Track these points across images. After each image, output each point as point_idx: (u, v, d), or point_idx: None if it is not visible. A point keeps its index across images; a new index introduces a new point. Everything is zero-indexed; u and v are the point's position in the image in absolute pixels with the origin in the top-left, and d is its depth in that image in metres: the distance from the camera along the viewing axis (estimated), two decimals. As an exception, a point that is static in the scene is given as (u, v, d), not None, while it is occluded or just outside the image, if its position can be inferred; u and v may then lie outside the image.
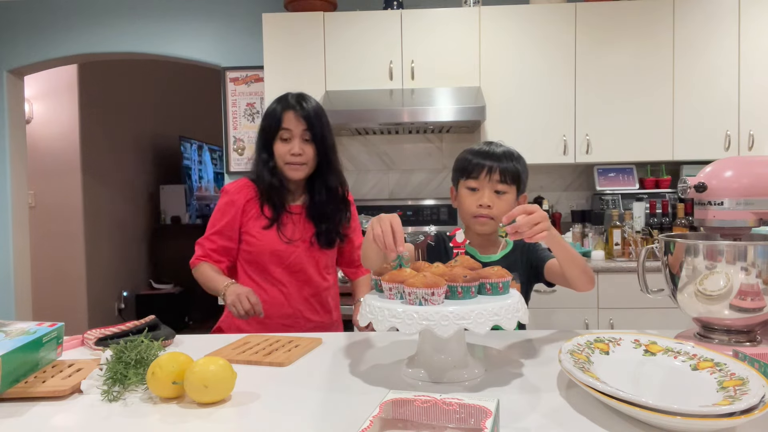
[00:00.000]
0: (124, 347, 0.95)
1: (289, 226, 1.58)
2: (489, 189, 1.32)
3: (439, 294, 0.86)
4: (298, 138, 1.52)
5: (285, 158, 1.53)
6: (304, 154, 1.52)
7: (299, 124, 1.52)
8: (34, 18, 3.54)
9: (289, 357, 1.08)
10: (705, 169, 1.11)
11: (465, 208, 1.36)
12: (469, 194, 1.35)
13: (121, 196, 4.96)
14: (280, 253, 1.56)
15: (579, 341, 0.94)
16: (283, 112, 1.52)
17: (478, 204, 1.32)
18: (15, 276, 3.64)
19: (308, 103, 1.55)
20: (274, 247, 1.56)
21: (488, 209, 1.31)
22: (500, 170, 1.32)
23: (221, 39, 3.47)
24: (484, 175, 1.32)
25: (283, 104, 1.54)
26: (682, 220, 2.81)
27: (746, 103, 2.96)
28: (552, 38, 3.00)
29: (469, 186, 1.35)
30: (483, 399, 0.67)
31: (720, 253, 0.96)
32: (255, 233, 1.56)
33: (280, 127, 1.52)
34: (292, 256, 1.57)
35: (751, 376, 0.76)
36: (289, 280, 1.57)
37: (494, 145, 1.37)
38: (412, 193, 3.46)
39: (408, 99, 2.93)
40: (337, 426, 0.76)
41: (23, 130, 3.82)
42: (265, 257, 1.56)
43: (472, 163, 1.34)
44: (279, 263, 1.57)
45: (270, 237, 1.56)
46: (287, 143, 1.52)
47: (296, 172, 1.54)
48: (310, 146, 1.54)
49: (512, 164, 1.34)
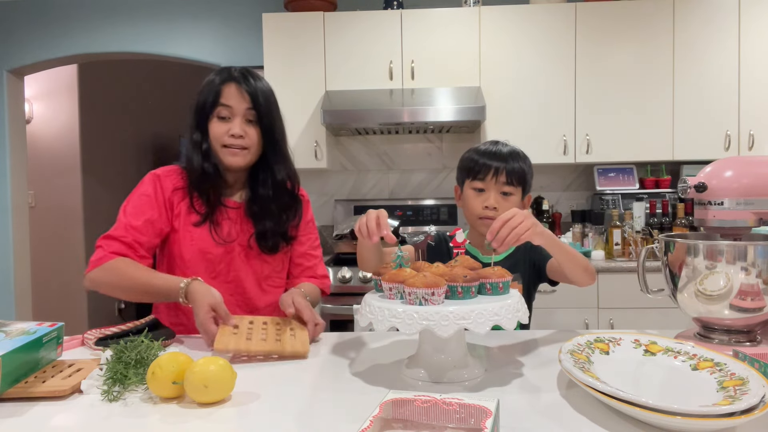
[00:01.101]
0: (124, 347, 0.95)
1: (225, 224, 1.33)
2: (495, 190, 1.32)
3: (439, 294, 0.86)
4: (239, 117, 1.27)
5: (222, 140, 1.27)
6: (246, 137, 1.28)
7: (242, 101, 1.27)
8: (34, 18, 3.54)
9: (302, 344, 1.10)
10: (705, 169, 1.11)
11: (470, 209, 1.35)
12: (475, 195, 1.33)
13: (121, 196, 4.90)
14: (211, 257, 1.31)
15: (579, 341, 0.94)
16: (223, 84, 1.27)
17: (484, 205, 1.31)
18: (15, 276, 3.64)
19: (256, 80, 1.30)
20: (203, 249, 1.30)
21: (494, 211, 1.30)
22: (507, 171, 1.31)
23: (221, 39, 3.47)
24: (491, 176, 1.31)
25: (224, 76, 1.28)
26: (682, 220, 2.81)
27: (746, 103, 2.96)
28: (552, 38, 3.00)
29: (475, 187, 1.34)
30: (483, 399, 0.67)
31: (720, 253, 0.96)
32: (181, 231, 1.30)
33: (218, 102, 1.26)
34: (224, 261, 1.32)
35: (751, 376, 0.76)
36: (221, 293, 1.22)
37: (500, 145, 1.36)
38: (412, 193, 3.46)
39: (408, 99, 2.93)
40: (337, 426, 0.76)
41: (23, 130, 3.82)
42: (192, 261, 1.30)
43: (478, 163, 1.33)
44: (208, 269, 1.31)
45: (200, 236, 1.30)
46: (226, 123, 1.27)
47: (235, 158, 1.28)
48: (254, 129, 1.29)
49: (519, 165, 1.33)
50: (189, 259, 1.31)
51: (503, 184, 1.31)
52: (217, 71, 1.32)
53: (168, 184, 1.32)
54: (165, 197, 1.31)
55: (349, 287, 2.65)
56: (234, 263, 1.34)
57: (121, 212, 1.30)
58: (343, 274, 2.66)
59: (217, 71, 1.32)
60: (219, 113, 1.28)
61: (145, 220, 1.28)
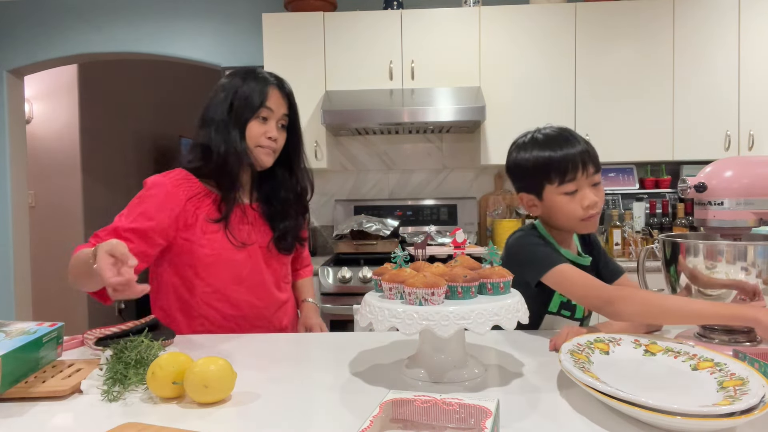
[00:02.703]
0: (124, 347, 0.95)
1: (243, 227, 1.33)
2: (587, 185, 1.19)
3: (439, 294, 0.86)
4: (275, 120, 1.32)
5: (259, 140, 1.30)
6: (278, 141, 1.33)
7: (281, 106, 1.33)
8: (34, 18, 3.54)
9: None
10: (705, 169, 1.11)
11: (569, 215, 1.20)
12: (569, 200, 1.19)
13: (121, 196, 4.96)
14: (236, 263, 1.30)
15: (579, 341, 0.94)
16: (268, 88, 1.30)
17: (585, 206, 1.18)
18: (15, 276, 3.64)
19: (287, 84, 1.36)
20: (225, 255, 1.28)
21: (596, 207, 1.19)
22: (590, 159, 1.19)
23: (221, 39, 3.47)
24: (581, 173, 1.18)
25: (266, 81, 1.32)
26: (682, 220, 2.81)
27: (746, 103, 2.96)
28: (552, 38, 3.00)
29: (566, 191, 1.19)
30: (483, 399, 0.67)
31: (720, 253, 0.96)
32: (200, 240, 1.27)
33: (264, 104, 1.29)
34: (249, 265, 1.32)
35: (751, 376, 0.76)
36: (247, 299, 1.31)
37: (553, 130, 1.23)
38: (412, 193, 3.46)
39: (408, 99, 2.93)
40: (337, 426, 0.76)
41: (23, 130, 3.82)
42: (215, 269, 1.28)
43: (561, 164, 1.18)
44: (233, 275, 1.30)
45: (220, 242, 1.29)
46: (264, 124, 1.30)
47: (267, 158, 1.32)
48: (284, 134, 1.36)
49: (591, 148, 1.21)
50: (211, 264, 1.28)
51: (592, 175, 1.19)
52: (251, 75, 1.32)
53: (181, 195, 1.27)
54: (177, 210, 1.26)
55: (349, 287, 2.66)
56: (256, 267, 1.35)
57: (122, 215, 1.25)
58: (343, 274, 2.66)
59: (251, 75, 1.32)
60: (261, 114, 1.30)
61: (136, 228, 1.22)
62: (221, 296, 1.30)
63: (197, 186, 1.30)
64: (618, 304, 1.03)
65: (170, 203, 1.25)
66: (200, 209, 1.29)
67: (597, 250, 1.39)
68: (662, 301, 1.00)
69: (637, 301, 1.01)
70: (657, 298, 1.01)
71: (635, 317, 1.03)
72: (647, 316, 1.02)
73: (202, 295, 1.30)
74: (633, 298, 1.02)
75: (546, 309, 1.27)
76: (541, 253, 1.19)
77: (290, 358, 1.10)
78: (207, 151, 1.29)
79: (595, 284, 1.10)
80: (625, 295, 1.03)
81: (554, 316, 1.28)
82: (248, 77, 1.32)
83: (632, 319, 1.04)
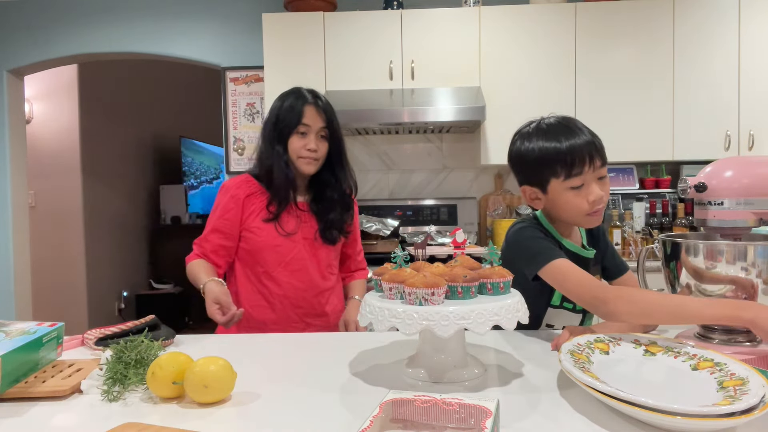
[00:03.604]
0: (124, 347, 0.95)
1: (292, 220, 1.56)
2: (593, 178, 1.16)
3: (439, 294, 0.86)
4: (314, 134, 1.53)
5: (299, 152, 1.53)
6: (318, 150, 1.54)
7: (318, 120, 1.53)
8: (34, 18, 3.54)
9: None
10: (705, 169, 1.11)
11: (574, 210, 1.18)
12: (575, 194, 1.16)
13: (121, 196, 4.97)
14: (280, 249, 1.54)
15: (579, 341, 0.94)
16: (304, 106, 1.53)
17: (591, 201, 1.16)
18: (15, 276, 3.64)
19: (323, 99, 1.58)
20: (273, 242, 1.54)
21: (602, 201, 1.17)
22: (597, 152, 1.16)
23: (221, 39, 3.47)
24: (588, 167, 1.14)
25: (303, 100, 1.54)
26: (682, 220, 2.81)
27: (746, 103, 2.96)
28: (552, 38, 3.00)
29: (572, 186, 1.16)
30: (483, 399, 0.67)
31: (720, 253, 0.96)
32: (254, 229, 1.54)
33: (300, 122, 1.52)
34: (293, 252, 1.55)
35: (751, 376, 0.76)
36: (289, 281, 1.55)
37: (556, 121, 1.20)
38: (412, 193, 3.46)
39: (408, 99, 2.93)
40: (337, 426, 0.76)
41: (23, 130, 3.82)
42: (264, 254, 1.54)
43: (568, 158, 1.14)
44: (279, 261, 1.54)
45: (269, 231, 1.54)
46: (303, 138, 1.53)
47: (309, 166, 1.54)
48: (325, 143, 1.56)
49: (597, 139, 1.18)
50: (262, 251, 1.54)
51: (599, 169, 1.16)
52: (293, 95, 1.56)
53: (241, 193, 1.55)
54: (240, 205, 1.55)
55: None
56: (300, 254, 1.56)
57: (208, 221, 1.58)
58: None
59: (293, 95, 1.56)
60: (299, 130, 1.53)
61: (220, 226, 1.54)
62: (269, 277, 1.55)
63: (255, 186, 1.57)
64: (612, 303, 1.01)
65: (234, 201, 1.55)
66: (255, 204, 1.55)
67: (604, 243, 1.36)
68: (658, 301, 0.98)
69: (632, 301, 0.99)
70: (652, 298, 0.98)
71: (630, 318, 1.00)
72: (642, 316, 1.00)
73: (258, 275, 1.56)
74: (628, 297, 1.00)
75: (549, 301, 1.26)
76: (539, 246, 1.17)
77: (290, 358, 1.11)
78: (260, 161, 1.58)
79: (590, 282, 1.07)
80: (620, 295, 1.02)
81: (557, 309, 1.27)
82: (288, 97, 1.56)
83: (627, 320, 1.02)
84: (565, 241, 1.26)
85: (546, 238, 1.21)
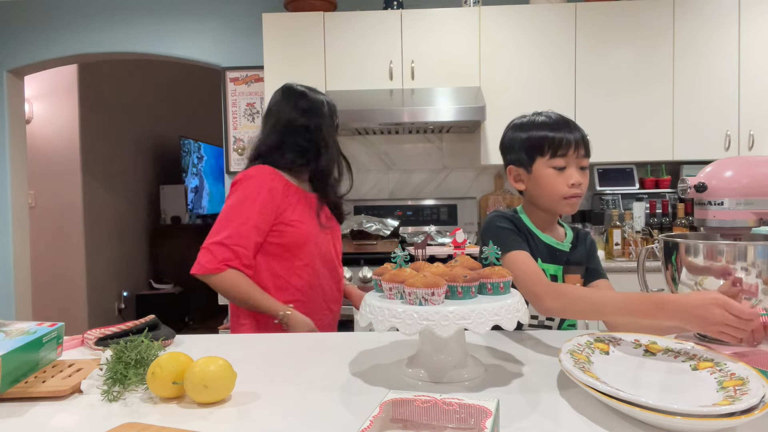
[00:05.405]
0: (124, 347, 0.95)
1: (322, 212, 1.58)
2: (575, 165, 1.22)
3: (439, 294, 0.86)
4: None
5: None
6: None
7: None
8: (34, 18, 3.54)
9: None
10: (705, 169, 1.11)
11: (553, 190, 1.23)
12: (556, 174, 1.22)
13: (121, 196, 4.97)
14: (318, 240, 1.55)
15: (579, 341, 0.94)
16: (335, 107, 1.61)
17: (570, 184, 1.21)
18: (15, 276, 3.64)
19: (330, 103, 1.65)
20: (314, 234, 1.53)
21: (579, 188, 1.22)
22: (584, 144, 1.22)
23: (221, 39, 3.47)
24: (572, 151, 1.21)
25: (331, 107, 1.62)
26: (682, 220, 2.81)
27: (746, 103, 2.96)
28: (552, 38, 3.00)
29: (555, 165, 1.22)
30: (483, 399, 0.67)
31: (720, 253, 0.96)
32: (294, 222, 1.49)
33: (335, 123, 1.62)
34: (327, 243, 1.58)
35: (751, 376, 0.76)
36: (323, 272, 1.56)
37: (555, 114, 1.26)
38: (412, 193, 3.46)
39: (408, 99, 2.93)
40: (337, 426, 0.76)
41: (23, 130, 3.82)
42: (307, 247, 1.51)
43: (555, 139, 1.21)
44: (317, 253, 1.54)
45: (310, 223, 1.53)
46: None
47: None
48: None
49: (585, 135, 1.24)
50: (305, 243, 1.50)
51: (582, 158, 1.22)
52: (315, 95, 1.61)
53: (279, 185, 1.48)
54: (278, 198, 1.47)
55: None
56: (328, 245, 1.59)
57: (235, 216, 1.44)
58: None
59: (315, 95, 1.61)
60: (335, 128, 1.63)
61: (258, 221, 1.45)
62: (311, 269, 1.53)
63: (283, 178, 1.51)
64: (545, 300, 1.06)
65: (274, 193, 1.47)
66: (291, 197, 1.51)
67: (589, 250, 1.38)
68: (583, 297, 1.04)
69: (560, 296, 1.05)
70: (578, 293, 1.04)
71: (561, 313, 1.06)
72: (568, 311, 1.06)
73: (289, 269, 1.51)
74: (557, 293, 1.05)
75: None
76: (502, 235, 1.22)
77: (290, 358, 1.10)
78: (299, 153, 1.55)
79: (533, 277, 1.11)
80: (550, 291, 1.06)
81: None
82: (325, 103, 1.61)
83: (560, 315, 1.07)
84: (543, 235, 1.30)
85: (515, 230, 1.26)
